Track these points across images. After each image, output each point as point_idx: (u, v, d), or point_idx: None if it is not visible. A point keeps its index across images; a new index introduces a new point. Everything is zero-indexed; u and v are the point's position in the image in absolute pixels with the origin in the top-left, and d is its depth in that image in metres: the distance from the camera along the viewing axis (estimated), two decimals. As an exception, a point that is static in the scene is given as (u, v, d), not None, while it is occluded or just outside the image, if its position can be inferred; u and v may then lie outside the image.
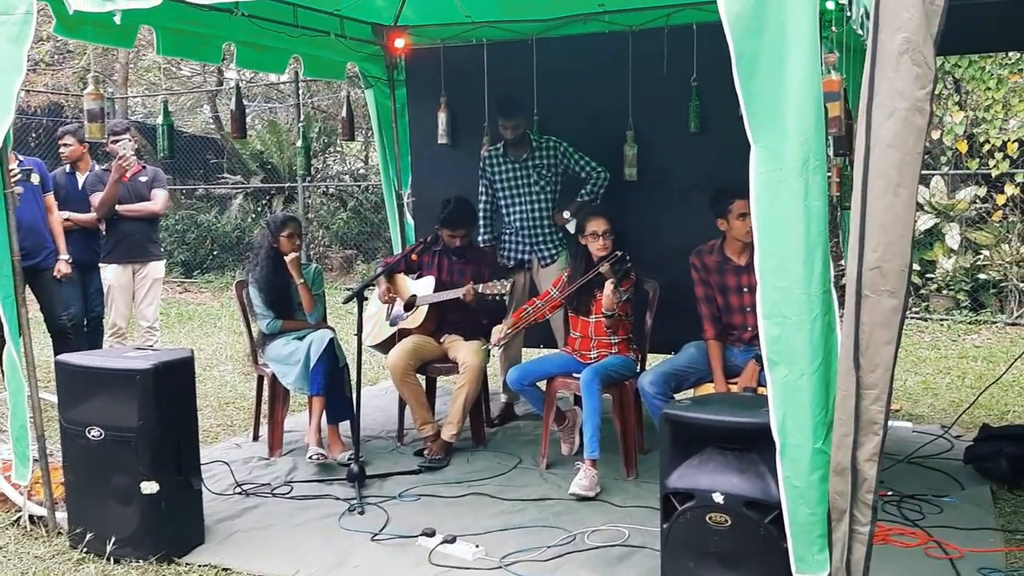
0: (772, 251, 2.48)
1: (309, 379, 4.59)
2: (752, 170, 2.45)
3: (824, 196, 2.41)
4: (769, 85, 2.38)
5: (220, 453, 4.81)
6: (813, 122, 2.37)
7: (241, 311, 5.05)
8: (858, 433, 2.40)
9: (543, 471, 4.46)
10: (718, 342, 4.19)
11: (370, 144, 14.38)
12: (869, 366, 2.39)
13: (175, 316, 9.93)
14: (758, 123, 2.41)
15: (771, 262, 2.49)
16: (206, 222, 13.35)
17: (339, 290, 11.13)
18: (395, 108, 6.04)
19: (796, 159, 2.38)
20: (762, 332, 2.53)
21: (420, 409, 4.72)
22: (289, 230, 4.77)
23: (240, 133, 5.37)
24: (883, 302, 2.37)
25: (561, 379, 4.50)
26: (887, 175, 2.31)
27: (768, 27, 2.36)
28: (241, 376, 6.92)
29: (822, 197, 2.41)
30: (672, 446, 2.88)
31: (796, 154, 2.38)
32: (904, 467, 4.30)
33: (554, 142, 5.13)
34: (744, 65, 2.39)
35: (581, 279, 4.39)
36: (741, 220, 4.05)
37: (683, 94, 5.00)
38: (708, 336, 4.21)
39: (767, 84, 2.38)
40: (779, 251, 2.46)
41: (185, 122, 16.55)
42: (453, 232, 4.85)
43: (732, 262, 4.18)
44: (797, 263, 2.46)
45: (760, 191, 2.44)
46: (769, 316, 2.51)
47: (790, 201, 2.41)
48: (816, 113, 2.37)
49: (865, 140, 2.34)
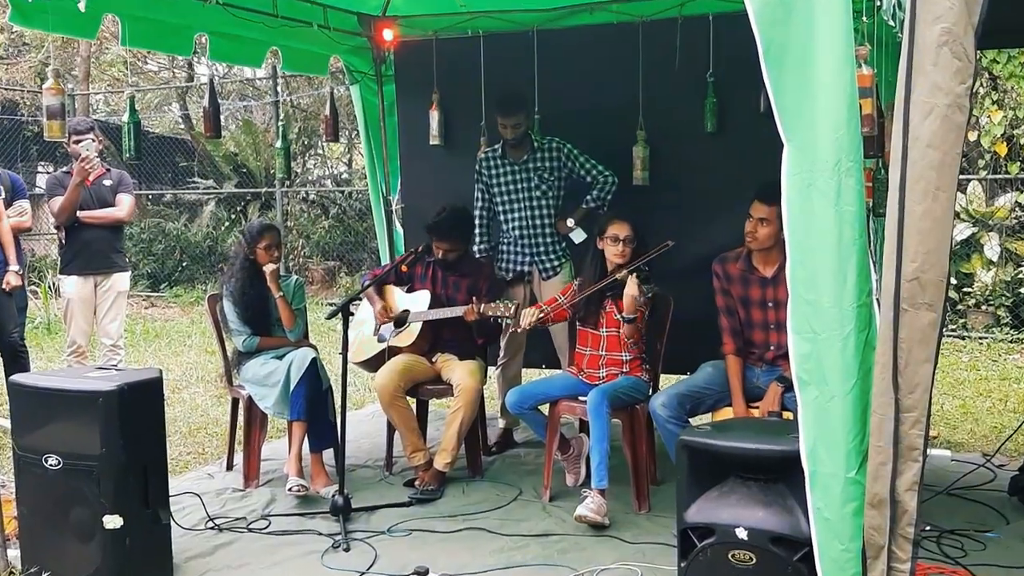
0: (803, 261, 2.47)
1: (289, 402, 4.57)
2: (784, 172, 2.44)
3: (859, 200, 2.40)
4: (799, 77, 2.38)
5: (191, 484, 4.78)
6: (845, 118, 2.36)
7: (214, 328, 5.04)
8: (897, 460, 2.39)
9: (546, 504, 4.44)
10: (737, 357, 4.18)
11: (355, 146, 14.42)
12: (908, 387, 2.38)
13: (141, 333, 9.90)
14: (790, 119, 2.41)
15: (801, 272, 2.48)
16: (175, 231, 13.34)
17: (321, 305, 11.11)
18: (383, 106, 6.04)
19: (827, 159, 2.38)
20: (792, 348, 2.52)
21: (411, 435, 4.70)
22: (267, 240, 4.76)
23: (213, 133, 5.36)
24: (921, 316, 2.37)
25: (565, 402, 4.48)
26: (926, 177, 2.31)
27: (795, 13, 2.36)
28: (214, 399, 6.89)
29: (856, 201, 2.40)
30: (689, 476, 2.87)
31: (827, 154, 2.38)
32: (943, 499, 4.28)
33: (557, 143, 5.13)
34: (773, 55, 2.38)
35: (593, 286, 4.38)
36: (748, 221, 4.07)
37: (698, 90, 5.01)
38: (727, 350, 4.21)
39: (797, 76, 2.38)
40: (809, 261, 2.46)
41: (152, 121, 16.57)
42: (440, 242, 4.84)
43: (758, 272, 4.18)
44: (828, 274, 2.45)
45: (791, 195, 2.43)
46: (799, 331, 2.50)
47: (820, 205, 2.41)
48: (849, 108, 2.36)
49: (902, 140, 2.33)
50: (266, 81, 13.35)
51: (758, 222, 4.07)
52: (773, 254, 4.10)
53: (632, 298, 4.19)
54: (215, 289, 4.92)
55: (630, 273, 4.21)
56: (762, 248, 4.11)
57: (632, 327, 4.32)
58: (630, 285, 4.19)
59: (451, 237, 4.83)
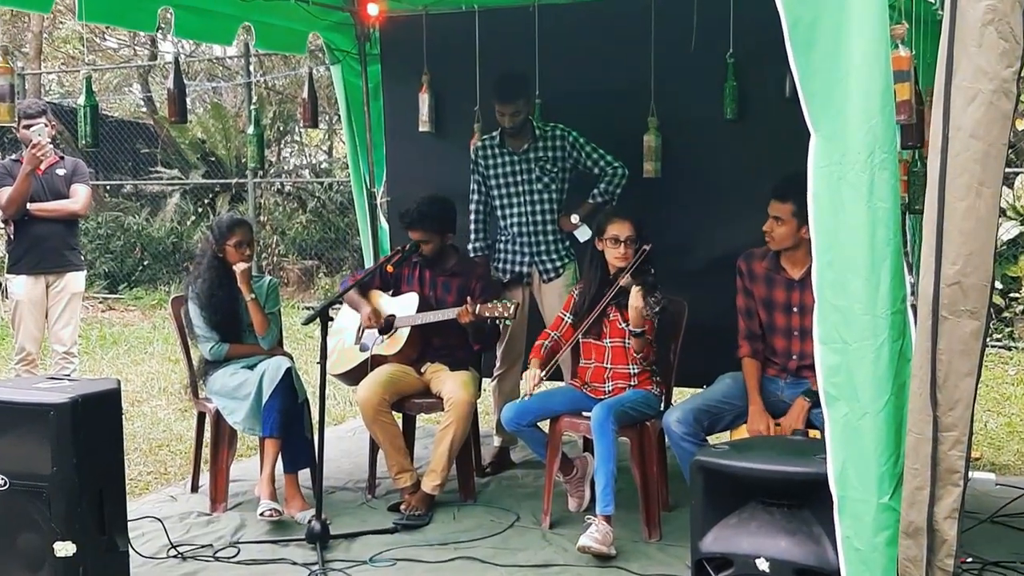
0: (831, 263, 2.48)
1: (261, 417, 4.56)
2: (811, 164, 2.45)
3: (894, 196, 2.41)
4: (828, 59, 2.38)
5: (151, 507, 4.77)
6: (879, 105, 2.37)
7: (178, 333, 5.03)
8: (935, 485, 2.39)
9: (545, 531, 4.44)
10: (754, 360, 4.20)
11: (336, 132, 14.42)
12: (947, 403, 2.39)
13: (97, 339, 9.88)
14: (818, 106, 2.41)
15: (830, 276, 2.49)
16: (135, 225, 13.32)
17: (297, 309, 11.10)
18: (367, 89, 6.04)
19: (859, 150, 2.39)
20: (818, 360, 2.52)
21: (396, 454, 4.70)
22: (237, 236, 4.76)
23: (178, 117, 5.34)
24: (963, 325, 2.37)
25: (568, 418, 4.48)
26: (969, 171, 2.32)
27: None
28: (178, 413, 6.88)
29: (891, 197, 2.41)
30: (705, 501, 2.87)
31: (859, 144, 2.39)
32: (987, 528, 4.28)
33: (561, 131, 5.14)
34: (800, 34, 2.39)
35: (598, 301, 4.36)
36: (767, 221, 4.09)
37: (717, 73, 5.01)
38: (742, 353, 4.23)
39: (826, 58, 2.38)
40: (838, 263, 2.46)
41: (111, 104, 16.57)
42: (412, 231, 4.83)
43: (784, 273, 4.19)
44: (859, 277, 2.46)
45: (819, 190, 2.44)
46: (827, 341, 2.50)
47: (851, 201, 2.41)
48: (883, 94, 2.37)
49: (943, 129, 2.34)
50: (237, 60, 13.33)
51: (773, 221, 4.10)
52: (801, 254, 4.11)
53: (636, 311, 4.18)
54: (180, 291, 4.92)
55: (633, 282, 4.19)
56: (784, 248, 4.12)
57: (640, 341, 4.31)
58: (634, 296, 4.16)
59: (423, 226, 4.82)
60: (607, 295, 4.38)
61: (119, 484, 3.64)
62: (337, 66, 6.06)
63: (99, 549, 3.48)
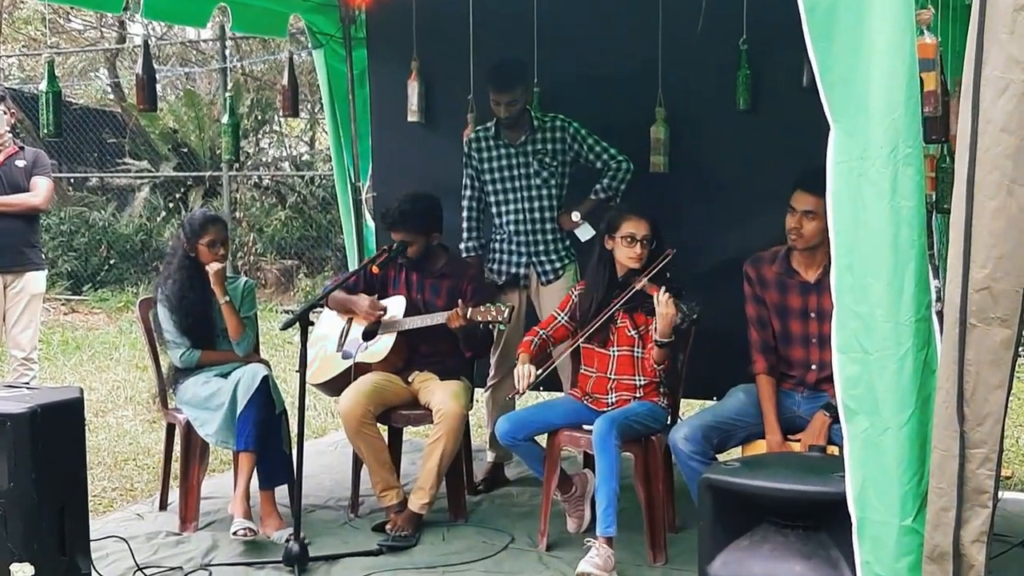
0: (851, 266, 2.48)
1: (235, 430, 4.56)
2: (830, 159, 2.45)
3: (919, 194, 2.41)
4: (849, 46, 2.39)
5: (116, 526, 4.76)
6: (903, 96, 2.38)
7: (146, 338, 5.03)
8: (962, 506, 2.39)
9: (542, 553, 4.43)
10: (770, 377, 4.18)
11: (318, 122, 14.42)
12: (975, 418, 2.39)
13: (59, 344, 9.87)
14: (838, 96, 2.42)
15: (849, 280, 2.49)
16: (101, 221, 13.32)
17: (275, 313, 11.10)
18: (352, 75, 6.05)
19: (881, 145, 2.39)
20: (837, 371, 2.52)
21: (381, 470, 4.69)
22: (211, 234, 4.76)
23: (148, 105, 5.35)
24: (993, 334, 2.37)
25: (567, 432, 4.48)
26: (1000, 168, 2.32)
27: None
28: (145, 424, 6.88)
29: (915, 195, 2.41)
30: (714, 522, 2.87)
31: (882, 138, 2.39)
32: (1019, 552, 4.28)
33: (561, 122, 5.14)
34: (818, 19, 2.40)
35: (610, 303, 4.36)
36: (790, 216, 4.06)
37: (729, 60, 5.02)
38: (757, 369, 4.20)
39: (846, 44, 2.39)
40: (859, 266, 2.46)
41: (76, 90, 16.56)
42: (394, 232, 4.83)
43: (798, 276, 4.17)
44: (881, 282, 2.46)
45: (838, 187, 2.44)
46: (845, 350, 2.50)
47: (873, 200, 2.41)
48: (908, 84, 2.38)
49: (971, 123, 2.34)
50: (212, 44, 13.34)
51: (802, 216, 4.04)
52: (818, 255, 4.09)
53: (667, 319, 4.11)
54: (148, 292, 4.91)
55: (661, 290, 4.12)
56: (807, 247, 4.10)
57: (664, 352, 4.28)
58: (665, 303, 4.10)
59: (405, 226, 4.82)
60: (618, 299, 4.36)
61: (81, 501, 3.63)
62: (320, 51, 6.06)
63: (59, 571, 3.48)
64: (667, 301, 4.11)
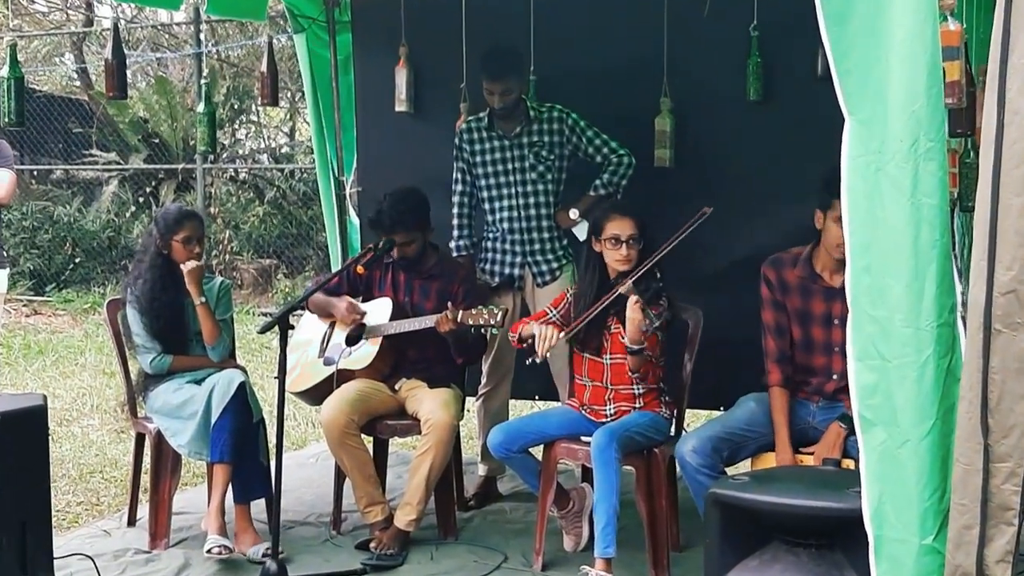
0: (868, 267, 2.48)
1: (209, 440, 4.55)
2: (845, 153, 2.46)
3: (941, 191, 2.42)
4: (866, 33, 2.39)
5: (82, 543, 4.76)
6: (925, 86, 2.38)
7: (115, 342, 5.02)
8: (985, 524, 2.40)
9: (537, 573, 4.44)
10: (784, 390, 4.18)
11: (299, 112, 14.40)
12: (1001, 430, 2.39)
13: (20, 348, 9.85)
14: (854, 87, 2.42)
15: (865, 282, 2.49)
16: (66, 217, 13.30)
17: (253, 315, 11.09)
18: (336, 62, 6.05)
19: (901, 138, 2.39)
20: (852, 380, 2.53)
21: (365, 484, 4.70)
22: (185, 231, 4.75)
23: (117, 92, 5.35)
24: (1020, 340, 2.38)
25: (564, 444, 4.48)
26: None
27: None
28: (113, 434, 6.86)
29: (937, 192, 2.42)
30: (722, 540, 2.87)
31: (901, 131, 2.39)
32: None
33: (559, 112, 5.15)
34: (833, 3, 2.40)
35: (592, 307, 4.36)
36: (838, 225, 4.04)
37: (738, 48, 5.03)
38: (771, 381, 4.19)
39: (864, 31, 2.39)
40: (877, 267, 2.47)
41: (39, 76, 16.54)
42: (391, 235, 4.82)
43: (822, 281, 4.16)
44: (900, 284, 2.47)
45: (854, 183, 2.45)
46: (862, 357, 2.51)
47: (892, 197, 2.42)
48: (930, 74, 2.38)
49: (997, 115, 2.35)
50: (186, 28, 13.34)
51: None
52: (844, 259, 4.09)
53: (634, 324, 4.14)
54: (117, 293, 4.91)
55: (630, 293, 4.15)
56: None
57: (638, 359, 4.28)
58: (631, 307, 4.13)
59: (404, 226, 4.81)
60: (601, 302, 4.34)
61: (44, 516, 3.63)
62: (301, 35, 6.06)
63: (20, 591, 3.47)
64: (633, 305, 4.12)
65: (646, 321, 4.11)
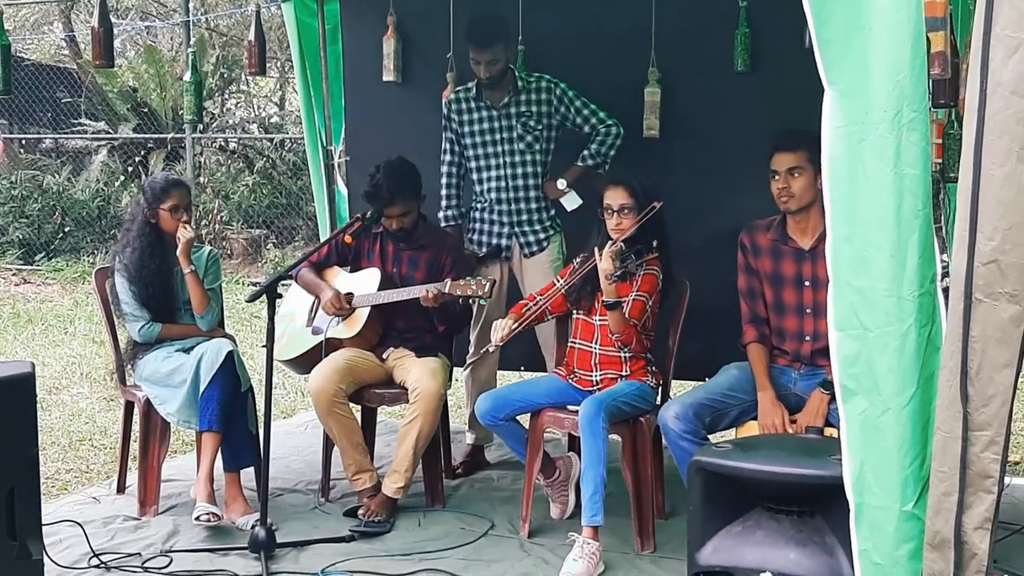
0: (849, 236, 2.48)
1: (198, 408, 4.56)
2: (825, 123, 2.45)
3: (924, 161, 2.42)
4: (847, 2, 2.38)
5: (71, 510, 4.76)
6: (909, 56, 2.38)
7: (103, 311, 5.02)
8: (964, 491, 2.41)
9: (524, 540, 4.45)
10: (760, 345, 4.22)
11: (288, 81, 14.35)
12: (980, 398, 2.40)
13: (9, 317, 9.84)
14: (834, 56, 2.42)
15: (847, 251, 2.49)
16: (55, 186, 13.26)
17: (242, 284, 11.08)
18: (324, 31, 6.02)
19: (885, 108, 2.39)
20: (834, 349, 2.53)
21: (353, 452, 4.71)
22: (173, 199, 4.75)
23: (104, 61, 5.31)
24: (1000, 309, 2.39)
25: (551, 412, 4.49)
26: (1010, 133, 2.32)
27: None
28: (102, 402, 6.87)
29: (920, 162, 2.42)
30: (705, 507, 2.89)
31: (885, 101, 2.39)
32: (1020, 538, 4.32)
33: (548, 82, 5.13)
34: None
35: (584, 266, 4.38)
36: (774, 181, 4.11)
37: (727, 18, 5.02)
38: (746, 339, 4.24)
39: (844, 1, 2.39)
40: (858, 236, 2.47)
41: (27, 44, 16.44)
42: (390, 209, 4.81)
43: (792, 243, 4.21)
44: (882, 254, 2.47)
45: (835, 152, 2.45)
46: (843, 327, 2.51)
47: (875, 167, 2.42)
48: (914, 43, 2.38)
49: (980, 85, 2.35)
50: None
51: (787, 175, 4.08)
52: (812, 218, 4.13)
53: (603, 273, 4.19)
54: (105, 262, 4.90)
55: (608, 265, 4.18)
56: (800, 207, 4.12)
57: (617, 318, 4.30)
58: (602, 258, 4.19)
59: (402, 197, 4.81)
60: (584, 268, 4.39)
61: (33, 483, 3.62)
62: (289, 4, 6.03)
63: (9, 557, 3.47)
64: (604, 256, 4.18)
65: (614, 272, 4.16)
